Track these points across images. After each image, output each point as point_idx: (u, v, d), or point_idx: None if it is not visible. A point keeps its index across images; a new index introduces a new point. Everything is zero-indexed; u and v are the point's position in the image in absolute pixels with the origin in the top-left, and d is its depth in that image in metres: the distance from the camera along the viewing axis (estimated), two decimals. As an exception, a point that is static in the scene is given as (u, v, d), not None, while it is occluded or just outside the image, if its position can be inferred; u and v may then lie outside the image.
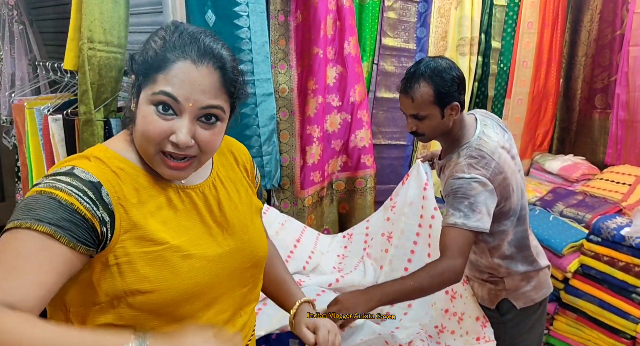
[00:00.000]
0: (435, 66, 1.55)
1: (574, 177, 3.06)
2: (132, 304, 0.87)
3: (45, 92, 2.57)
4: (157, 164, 0.90)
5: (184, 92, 0.86)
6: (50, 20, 2.72)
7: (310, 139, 2.25)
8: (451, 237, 1.47)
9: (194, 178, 0.99)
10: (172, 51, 0.87)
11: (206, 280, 0.93)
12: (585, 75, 3.35)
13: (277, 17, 2.15)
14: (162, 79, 0.86)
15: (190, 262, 0.91)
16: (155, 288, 0.87)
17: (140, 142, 0.90)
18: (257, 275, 1.08)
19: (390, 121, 2.64)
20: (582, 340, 2.49)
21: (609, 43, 3.21)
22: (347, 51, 2.32)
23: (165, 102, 0.86)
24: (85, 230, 0.81)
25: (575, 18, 3.35)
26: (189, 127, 0.87)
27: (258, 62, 2.05)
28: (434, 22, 2.67)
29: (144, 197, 0.91)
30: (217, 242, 0.97)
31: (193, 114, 0.88)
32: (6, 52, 2.77)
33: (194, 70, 0.87)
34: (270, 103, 2.12)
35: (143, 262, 0.87)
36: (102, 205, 0.84)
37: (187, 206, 0.96)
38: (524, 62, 3.15)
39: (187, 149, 0.89)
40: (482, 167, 1.53)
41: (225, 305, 0.99)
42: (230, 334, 0.72)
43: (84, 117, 1.69)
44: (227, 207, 1.02)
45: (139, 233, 0.87)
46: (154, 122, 0.87)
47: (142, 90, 0.89)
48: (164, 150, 0.88)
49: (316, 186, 2.32)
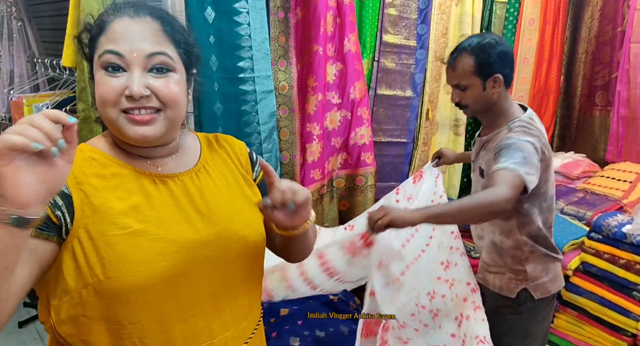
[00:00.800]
0: (479, 40, 1.64)
1: (575, 174, 3.05)
2: (99, 291, 0.85)
3: (44, 89, 2.56)
4: (123, 126, 0.88)
5: (126, 45, 0.87)
6: (49, 17, 2.70)
7: (310, 137, 2.24)
8: (502, 175, 1.44)
9: (173, 167, 0.98)
10: (108, 14, 0.90)
11: (178, 266, 0.90)
12: (586, 72, 3.34)
13: (277, 13, 2.14)
14: (104, 40, 0.88)
15: (158, 246, 0.89)
16: (120, 273, 0.85)
17: (101, 111, 0.89)
18: (248, 266, 1.03)
19: (391, 118, 2.63)
20: (583, 337, 2.48)
21: (609, 40, 3.20)
22: (347, 48, 2.31)
23: (111, 60, 0.87)
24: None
25: (576, 15, 3.34)
26: (139, 78, 0.87)
27: (258, 59, 2.04)
28: (435, 18, 2.66)
29: (113, 183, 0.90)
30: (195, 228, 0.94)
31: (141, 66, 0.88)
32: (5, 49, 2.75)
33: (132, 23, 0.89)
34: (270, 100, 2.11)
35: (105, 246, 0.85)
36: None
37: (162, 193, 0.94)
38: (525, 59, 3.14)
39: (145, 101, 0.88)
40: (535, 136, 1.58)
41: (205, 296, 0.95)
42: None
43: (82, 114, 1.68)
44: (211, 195, 1.00)
45: (101, 217, 0.86)
46: (105, 83, 0.87)
47: (92, 63, 0.90)
48: (122, 108, 0.87)
49: (316, 184, 2.31)
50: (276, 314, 1.86)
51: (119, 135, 0.91)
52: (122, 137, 0.91)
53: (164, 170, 0.97)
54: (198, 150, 1.06)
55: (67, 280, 0.85)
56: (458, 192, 3.08)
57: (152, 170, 0.95)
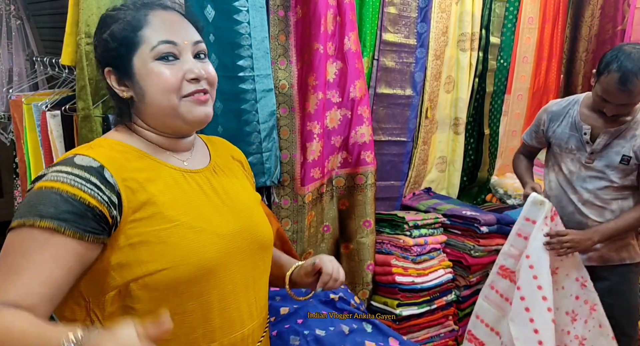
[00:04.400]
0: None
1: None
2: (148, 283, 0.86)
3: (43, 88, 2.55)
4: (188, 109, 0.93)
5: (176, 34, 0.92)
6: (48, 15, 2.69)
7: (310, 136, 2.24)
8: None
9: (194, 164, 1.01)
10: (139, 10, 0.93)
11: (219, 256, 0.93)
12: (586, 71, 3.34)
13: (277, 12, 2.13)
14: (150, 33, 0.91)
15: (203, 237, 0.92)
16: (170, 264, 0.87)
17: (161, 100, 0.92)
18: (266, 259, 1.08)
19: (391, 117, 2.62)
20: None
21: (610, 38, 3.20)
22: (347, 47, 2.31)
23: (166, 50, 0.91)
24: (91, 219, 0.81)
25: (576, 13, 3.33)
26: (195, 62, 0.93)
27: (258, 57, 2.03)
28: (435, 17, 2.65)
29: (151, 176, 0.92)
30: (227, 220, 0.98)
31: (190, 52, 0.94)
32: (3, 47, 2.74)
33: (166, 14, 0.94)
34: (270, 99, 2.11)
35: (156, 240, 0.87)
36: (108, 188, 0.84)
37: (192, 187, 0.97)
38: (525, 58, 3.14)
39: (204, 82, 0.94)
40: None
41: (238, 286, 0.98)
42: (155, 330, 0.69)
43: (82, 113, 1.67)
44: (232, 189, 1.03)
45: (148, 211, 0.87)
46: (166, 72, 0.91)
47: (132, 60, 0.92)
48: (186, 93, 0.92)
49: (316, 182, 2.31)
50: (276, 313, 1.85)
51: (177, 121, 0.94)
52: (181, 122, 0.94)
53: (189, 165, 1.00)
54: (206, 150, 1.09)
55: (114, 276, 0.86)
56: (458, 192, 3.07)
57: (180, 165, 0.98)
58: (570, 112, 2.07)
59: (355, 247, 2.43)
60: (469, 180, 3.21)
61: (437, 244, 2.48)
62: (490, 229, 2.51)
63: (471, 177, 3.20)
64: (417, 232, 2.43)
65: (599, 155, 1.98)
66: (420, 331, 2.42)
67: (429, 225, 2.48)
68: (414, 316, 2.37)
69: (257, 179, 2.01)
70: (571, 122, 2.05)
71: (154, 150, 0.96)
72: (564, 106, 2.10)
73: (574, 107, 2.06)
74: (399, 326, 2.32)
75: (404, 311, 2.32)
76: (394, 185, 2.71)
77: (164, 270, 0.86)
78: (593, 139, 1.98)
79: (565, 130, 2.07)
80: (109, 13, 0.95)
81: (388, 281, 2.36)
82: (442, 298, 2.44)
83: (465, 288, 2.55)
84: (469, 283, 2.54)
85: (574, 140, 2.03)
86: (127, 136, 0.96)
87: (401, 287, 2.32)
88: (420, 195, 2.84)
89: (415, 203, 2.72)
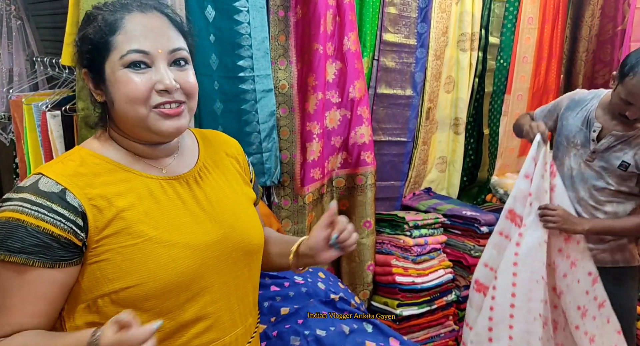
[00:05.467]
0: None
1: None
2: (115, 300, 0.86)
3: (43, 88, 2.55)
4: (155, 122, 0.88)
5: (149, 42, 0.87)
6: (48, 16, 2.69)
7: (310, 136, 2.24)
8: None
9: (178, 168, 0.98)
10: (115, 12, 0.88)
11: (192, 270, 0.91)
12: (586, 71, 3.34)
13: (277, 12, 2.14)
14: (122, 39, 0.86)
15: (173, 252, 0.89)
16: (137, 281, 0.86)
17: (128, 110, 0.88)
18: (252, 264, 1.04)
19: (391, 117, 2.62)
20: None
21: (610, 38, 3.20)
22: (347, 47, 2.31)
23: (136, 59, 0.86)
24: (58, 248, 0.82)
25: (576, 13, 3.33)
26: (167, 72, 0.88)
27: (258, 58, 2.03)
28: (435, 17, 2.65)
29: (122, 189, 0.89)
30: (204, 229, 0.95)
31: (165, 60, 0.88)
32: (4, 47, 2.74)
33: (145, 18, 0.88)
34: (270, 99, 2.11)
35: (122, 257, 0.85)
36: (72, 211, 0.83)
37: (169, 196, 0.94)
38: (524, 58, 3.14)
39: (176, 93, 0.89)
40: None
41: (217, 295, 0.96)
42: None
43: (82, 113, 1.67)
44: (215, 195, 1.00)
45: (116, 227, 0.86)
46: (134, 81, 0.86)
47: (104, 65, 0.88)
48: (154, 104, 0.87)
49: (316, 183, 2.31)
50: (277, 313, 1.85)
51: (146, 132, 0.90)
52: (151, 133, 0.90)
53: (168, 171, 0.96)
54: (196, 149, 1.05)
55: (84, 290, 0.86)
56: (458, 192, 3.07)
57: (157, 173, 0.95)
58: (588, 106, 2.05)
59: (356, 248, 2.43)
60: (469, 180, 3.21)
61: (437, 244, 2.48)
62: (490, 229, 2.50)
63: (471, 177, 3.21)
64: (417, 232, 2.43)
65: (600, 156, 1.97)
66: (420, 331, 2.42)
67: (429, 225, 2.48)
68: (414, 317, 2.37)
69: (257, 180, 2.01)
70: (585, 117, 2.03)
71: (129, 160, 0.93)
72: (586, 99, 2.08)
73: (592, 102, 2.04)
74: (399, 327, 2.32)
75: (404, 311, 2.32)
76: (394, 185, 2.71)
77: (130, 288, 0.85)
78: (599, 139, 1.98)
79: (577, 123, 2.05)
80: (92, 11, 0.91)
81: (388, 282, 2.36)
82: (442, 298, 2.44)
83: (466, 288, 2.54)
84: (469, 283, 2.53)
85: (581, 135, 2.02)
86: (104, 144, 0.94)
87: (401, 287, 2.33)
88: (420, 195, 2.84)
89: (416, 203, 2.72)
